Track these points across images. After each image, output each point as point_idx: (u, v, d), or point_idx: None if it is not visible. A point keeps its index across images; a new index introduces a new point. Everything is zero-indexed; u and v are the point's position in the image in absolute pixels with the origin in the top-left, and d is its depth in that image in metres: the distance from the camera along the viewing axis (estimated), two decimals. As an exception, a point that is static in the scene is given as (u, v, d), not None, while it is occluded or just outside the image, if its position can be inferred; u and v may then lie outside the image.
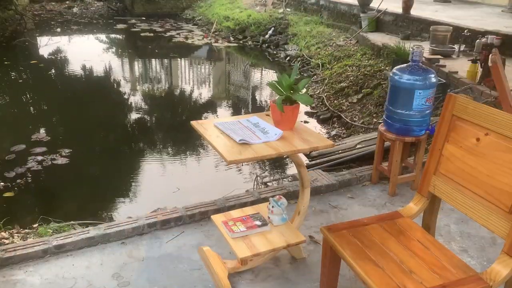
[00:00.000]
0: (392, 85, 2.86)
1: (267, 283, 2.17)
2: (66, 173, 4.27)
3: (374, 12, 7.69)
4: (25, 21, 11.23)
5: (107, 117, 6.05)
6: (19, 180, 4.02)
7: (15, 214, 3.37)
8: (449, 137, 1.73)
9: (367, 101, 5.56)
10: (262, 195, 2.86)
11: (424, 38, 6.58)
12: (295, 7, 11.11)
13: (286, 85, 2.00)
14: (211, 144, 1.90)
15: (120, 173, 4.48)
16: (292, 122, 2.07)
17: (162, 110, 6.59)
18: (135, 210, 3.53)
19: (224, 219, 2.13)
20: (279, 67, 8.20)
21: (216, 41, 10.23)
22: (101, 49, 10.03)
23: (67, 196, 3.94)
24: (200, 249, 2.27)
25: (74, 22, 12.50)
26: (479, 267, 2.27)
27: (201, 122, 2.15)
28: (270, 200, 2.10)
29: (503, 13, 8.02)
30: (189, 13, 13.03)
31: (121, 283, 2.17)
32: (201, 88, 7.93)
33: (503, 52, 4.66)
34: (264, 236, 2.01)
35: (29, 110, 6.36)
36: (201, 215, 2.68)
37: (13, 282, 2.15)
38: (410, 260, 1.60)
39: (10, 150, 4.57)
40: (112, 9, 13.91)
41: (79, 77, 7.93)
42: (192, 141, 5.09)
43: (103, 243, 2.46)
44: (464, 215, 1.67)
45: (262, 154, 1.83)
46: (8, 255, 2.26)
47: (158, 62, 9.50)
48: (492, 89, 3.82)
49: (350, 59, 6.91)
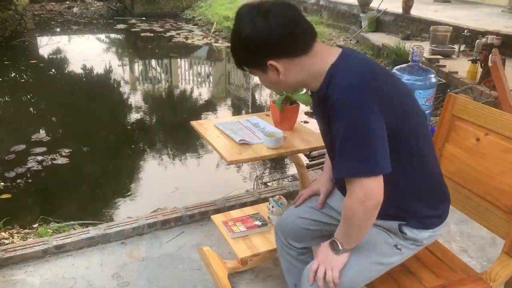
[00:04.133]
0: (392, 85, 2.85)
1: (267, 283, 2.17)
2: (66, 173, 4.27)
3: (374, 12, 7.69)
4: (25, 21, 11.23)
5: (107, 117, 6.05)
6: (19, 180, 4.02)
7: (15, 214, 3.36)
8: (449, 137, 1.73)
9: (367, 101, 5.56)
10: (262, 195, 2.86)
11: (424, 38, 6.58)
12: (295, 7, 11.11)
13: (286, 85, 2.00)
14: (211, 144, 1.90)
15: (120, 173, 4.48)
16: (292, 122, 2.07)
17: (162, 110, 6.60)
18: (135, 210, 3.53)
19: (224, 219, 2.13)
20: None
21: (216, 41, 10.23)
22: (101, 49, 10.03)
23: (67, 196, 3.94)
24: (200, 249, 2.27)
25: (74, 22, 12.50)
26: (479, 267, 2.27)
27: (201, 122, 2.15)
28: (270, 200, 2.10)
29: (503, 13, 8.02)
30: (189, 13, 13.02)
31: (121, 283, 2.17)
32: (201, 88, 7.94)
33: (503, 52, 4.67)
34: (264, 236, 2.01)
35: (29, 110, 6.37)
36: (201, 215, 2.68)
37: (13, 282, 2.15)
38: (409, 260, 1.59)
39: (10, 150, 4.56)
40: (112, 9, 13.91)
41: (79, 77, 7.94)
42: (192, 141, 5.09)
43: (103, 243, 2.46)
44: (464, 215, 1.67)
45: (262, 154, 1.83)
46: (8, 255, 2.26)
47: (158, 62, 9.51)
48: (492, 89, 3.82)
49: (350, 59, 6.91)
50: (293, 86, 1.36)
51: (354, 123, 1.18)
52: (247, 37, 1.24)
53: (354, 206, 1.24)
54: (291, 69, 1.27)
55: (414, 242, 1.42)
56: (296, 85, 1.36)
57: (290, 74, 1.29)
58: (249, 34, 1.24)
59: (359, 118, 1.18)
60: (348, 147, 1.20)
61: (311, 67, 1.28)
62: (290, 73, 1.28)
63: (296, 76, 1.30)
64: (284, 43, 1.24)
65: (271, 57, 1.25)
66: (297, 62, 1.27)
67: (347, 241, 1.33)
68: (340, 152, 1.22)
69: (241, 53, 1.30)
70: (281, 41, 1.24)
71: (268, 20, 1.22)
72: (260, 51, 1.25)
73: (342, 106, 1.19)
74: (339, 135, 1.21)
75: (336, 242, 1.34)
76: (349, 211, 1.27)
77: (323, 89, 1.27)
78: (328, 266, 1.32)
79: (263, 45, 1.24)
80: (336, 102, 1.20)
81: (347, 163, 1.21)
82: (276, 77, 1.29)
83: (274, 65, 1.26)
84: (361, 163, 1.20)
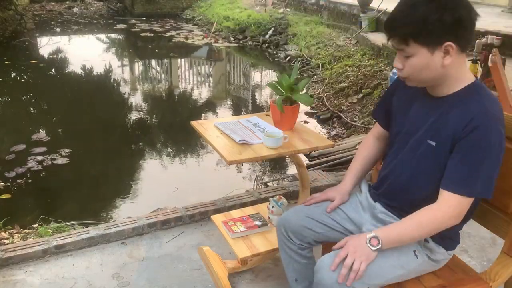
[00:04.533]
0: (392, 85, 2.85)
1: (267, 283, 2.17)
2: (66, 173, 4.27)
3: (374, 12, 7.68)
4: (25, 21, 11.23)
5: (107, 117, 6.05)
6: (19, 180, 4.02)
7: (15, 214, 3.37)
8: (449, 137, 1.72)
9: (367, 101, 5.56)
10: (262, 195, 2.86)
11: (424, 38, 6.58)
12: (295, 7, 11.11)
13: (286, 85, 2.00)
14: (211, 144, 1.90)
15: (120, 173, 4.48)
16: (292, 122, 2.07)
17: (162, 110, 6.60)
18: (135, 210, 3.53)
19: (224, 219, 2.13)
20: (279, 67, 8.20)
21: (216, 41, 10.24)
22: (101, 49, 10.04)
23: (67, 196, 3.94)
24: (200, 249, 2.27)
25: (74, 22, 12.51)
26: (479, 267, 2.27)
27: (201, 122, 2.15)
28: (270, 200, 2.10)
29: (503, 13, 8.02)
30: (189, 13, 13.03)
31: (121, 283, 2.17)
32: (201, 88, 7.94)
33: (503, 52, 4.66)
34: (264, 236, 2.01)
35: (29, 110, 6.37)
36: (201, 215, 2.68)
37: (13, 282, 2.15)
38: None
39: (10, 150, 4.57)
40: (112, 9, 13.92)
41: (79, 77, 7.94)
42: (192, 141, 5.09)
43: (103, 243, 2.46)
44: (464, 215, 1.67)
45: (262, 154, 1.83)
46: (8, 255, 2.26)
47: (158, 62, 9.51)
48: (492, 89, 3.82)
49: (350, 59, 6.91)
50: (433, 78, 1.32)
51: (494, 148, 1.26)
52: (454, 7, 1.23)
53: (442, 218, 1.30)
54: (454, 59, 1.27)
55: (430, 254, 1.44)
56: (434, 79, 1.33)
57: (451, 64, 1.28)
58: (458, 4, 1.23)
59: (496, 144, 1.26)
60: (482, 166, 1.26)
61: (458, 68, 1.31)
62: (453, 63, 1.28)
63: (451, 69, 1.29)
64: (471, 30, 1.26)
65: (454, 38, 1.24)
66: (461, 56, 1.30)
67: (391, 242, 1.34)
68: (474, 168, 1.26)
69: (431, 23, 1.23)
70: (471, 26, 1.26)
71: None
72: (455, 28, 1.23)
73: (488, 130, 1.25)
74: (471, 155, 1.26)
75: (377, 239, 1.34)
76: (431, 219, 1.31)
77: (463, 103, 1.29)
78: (359, 257, 1.33)
79: (462, 22, 1.23)
80: (482, 125, 1.24)
81: (474, 181, 1.27)
82: (439, 62, 1.27)
83: (451, 48, 1.24)
84: (482, 184, 1.28)
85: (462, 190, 1.28)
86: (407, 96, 1.47)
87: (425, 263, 1.45)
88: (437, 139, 1.33)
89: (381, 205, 1.51)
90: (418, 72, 1.30)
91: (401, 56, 1.31)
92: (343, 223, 1.56)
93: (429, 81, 1.34)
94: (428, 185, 1.37)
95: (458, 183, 1.28)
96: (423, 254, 1.43)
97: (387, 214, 1.49)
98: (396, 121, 1.51)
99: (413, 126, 1.42)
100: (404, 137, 1.45)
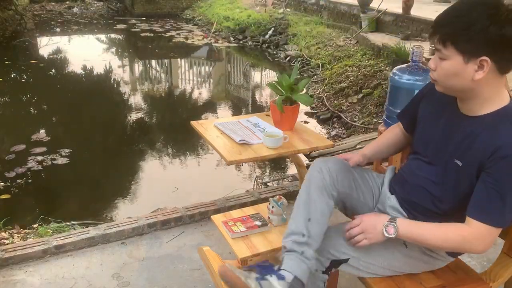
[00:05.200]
0: (392, 85, 2.86)
1: (267, 283, 2.17)
2: (66, 173, 4.27)
3: (374, 12, 7.68)
4: (25, 21, 11.23)
5: (107, 117, 6.05)
6: (19, 180, 4.02)
7: (15, 214, 3.37)
8: (449, 137, 1.73)
9: (367, 101, 5.56)
10: (262, 195, 2.86)
11: (424, 38, 6.57)
12: (295, 7, 11.11)
13: (286, 85, 2.00)
14: (211, 144, 1.90)
15: (120, 173, 4.48)
16: (292, 122, 2.07)
17: (162, 110, 6.60)
18: (135, 210, 3.53)
19: (224, 219, 2.13)
20: (279, 67, 8.20)
21: (216, 41, 10.23)
22: (101, 49, 10.03)
23: (67, 196, 3.94)
24: (200, 249, 2.26)
25: (74, 22, 12.50)
26: (479, 267, 2.27)
27: (201, 122, 2.15)
28: (270, 200, 2.10)
29: None
30: (189, 13, 13.02)
31: (121, 283, 2.17)
32: (201, 88, 7.94)
33: (503, 52, 4.65)
34: (264, 236, 2.01)
35: (29, 110, 6.37)
36: (201, 215, 2.68)
37: (13, 282, 2.15)
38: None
39: (10, 150, 4.57)
40: (112, 9, 13.91)
41: (79, 77, 7.94)
42: (192, 141, 5.09)
43: (103, 243, 2.46)
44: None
45: (262, 154, 1.83)
46: (8, 255, 2.26)
47: (158, 62, 9.51)
48: None
49: (350, 59, 6.91)
50: (461, 89, 1.28)
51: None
52: (506, 23, 1.16)
53: (470, 243, 1.27)
54: (487, 77, 1.22)
55: (425, 250, 1.46)
56: (462, 90, 1.29)
57: (483, 82, 1.23)
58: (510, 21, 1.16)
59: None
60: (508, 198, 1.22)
61: (492, 89, 1.26)
62: (486, 81, 1.23)
63: (482, 87, 1.25)
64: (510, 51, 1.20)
65: (492, 54, 1.19)
66: (498, 77, 1.24)
67: (407, 237, 1.35)
68: (506, 199, 1.22)
69: (474, 31, 1.18)
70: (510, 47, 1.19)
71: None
72: (497, 43, 1.17)
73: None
74: (503, 185, 1.22)
75: (395, 228, 1.35)
76: (459, 237, 1.28)
77: (494, 127, 1.25)
78: (368, 236, 1.37)
79: (507, 39, 1.17)
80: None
81: (508, 211, 1.24)
82: (470, 74, 1.22)
83: (486, 63, 1.20)
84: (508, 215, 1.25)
85: (495, 222, 1.25)
86: (435, 107, 1.45)
87: (416, 253, 1.47)
88: (464, 160, 1.31)
89: (396, 200, 1.52)
90: (447, 77, 1.27)
91: (436, 57, 1.29)
92: (367, 189, 1.60)
93: (457, 91, 1.30)
94: (451, 198, 1.37)
95: (490, 213, 1.25)
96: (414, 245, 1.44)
97: (398, 211, 1.50)
98: (422, 130, 1.49)
99: (440, 141, 1.40)
100: (429, 149, 1.44)
